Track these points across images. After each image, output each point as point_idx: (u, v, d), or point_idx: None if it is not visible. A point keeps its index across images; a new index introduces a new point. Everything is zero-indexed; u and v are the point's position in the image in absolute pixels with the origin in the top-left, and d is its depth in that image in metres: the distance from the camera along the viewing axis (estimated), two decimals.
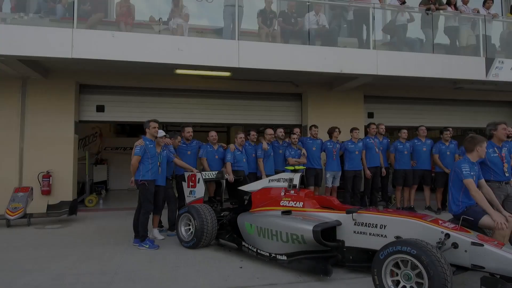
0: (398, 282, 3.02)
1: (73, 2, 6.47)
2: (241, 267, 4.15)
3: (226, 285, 3.62)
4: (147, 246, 5.01)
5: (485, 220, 3.70)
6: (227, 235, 5.00)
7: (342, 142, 7.55)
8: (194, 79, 8.32)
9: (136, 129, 12.25)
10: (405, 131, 7.81)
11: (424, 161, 7.65)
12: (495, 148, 4.42)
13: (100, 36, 6.37)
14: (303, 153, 7.10)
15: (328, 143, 7.43)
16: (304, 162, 7.07)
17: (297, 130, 7.27)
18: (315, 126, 7.58)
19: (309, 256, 3.97)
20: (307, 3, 7.73)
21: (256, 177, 6.57)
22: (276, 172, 6.41)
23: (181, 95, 8.84)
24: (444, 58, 8.00)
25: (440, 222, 3.53)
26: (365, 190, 7.65)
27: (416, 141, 7.77)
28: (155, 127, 5.29)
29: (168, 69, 7.32)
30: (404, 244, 2.95)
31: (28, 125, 7.71)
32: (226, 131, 15.34)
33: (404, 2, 8.06)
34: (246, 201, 5.29)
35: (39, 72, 7.38)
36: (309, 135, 7.68)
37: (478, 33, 8.43)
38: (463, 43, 8.57)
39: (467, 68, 8.07)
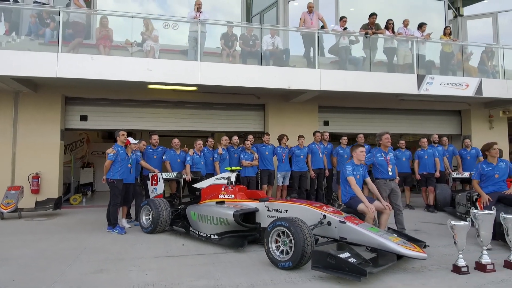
0: (279, 247, 4.25)
1: (58, 28, 7.71)
2: (183, 245, 5.37)
3: (166, 255, 4.84)
4: (117, 231, 6.21)
5: (361, 206, 4.95)
6: (180, 223, 6.22)
7: (291, 147, 8.81)
8: (166, 92, 9.50)
9: None
10: (345, 138, 9.08)
11: None
12: (382, 153, 5.70)
13: (81, 59, 7.59)
14: (256, 157, 8.34)
15: (278, 148, 8.68)
16: (256, 164, 8.35)
17: (250, 137, 8.52)
18: (267, 134, 8.87)
19: (235, 235, 5.21)
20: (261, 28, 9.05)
21: None
22: None
23: (156, 106, 10.01)
24: (380, 75, 9.33)
25: (323, 207, 4.78)
26: (311, 188, 8.91)
27: None
28: (124, 135, 6.52)
29: (141, 84, 8.53)
30: (282, 220, 4.20)
31: (20, 133, 8.86)
32: (211, 136, 16.58)
33: (345, 28, 9.36)
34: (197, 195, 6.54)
35: (30, 87, 8.52)
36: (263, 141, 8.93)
37: (413, 53, 9.78)
38: (400, 61, 9.90)
39: (401, 83, 9.39)
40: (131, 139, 6.61)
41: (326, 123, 11.15)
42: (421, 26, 10.10)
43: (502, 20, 13.44)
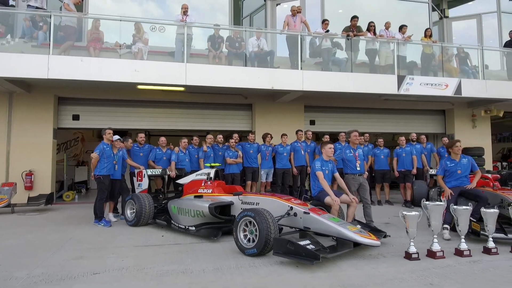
0: (246, 236, 4.60)
1: (50, 32, 8.06)
2: (163, 236, 5.73)
3: (145, 244, 5.20)
4: (102, 224, 6.57)
5: (327, 199, 5.30)
6: (162, 217, 6.57)
7: (274, 145, 9.15)
8: (155, 92, 9.83)
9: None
10: (327, 136, 9.41)
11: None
12: (351, 150, 6.06)
13: (71, 61, 7.94)
14: (239, 155, 8.69)
15: (262, 146, 9.03)
16: (240, 161, 8.70)
17: (235, 135, 8.87)
18: (252, 133, 9.22)
19: (211, 226, 5.56)
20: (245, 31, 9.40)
21: None
22: None
23: (146, 106, 10.35)
24: (361, 76, 9.66)
25: (291, 200, 5.13)
26: (294, 184, 9.26)
27: (337, 144, 9.36)
28: (110, 133, 6.89)
29: (130, 85, 8.87)
30: (249, 211, 4.56)
31: (14, 132, 9.21)
32: (205, 135, 16.95)
33: (327, 30, 9.70)
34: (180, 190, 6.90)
35: (23, 88, 8.86)
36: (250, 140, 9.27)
37: (394, 54, 10.11)
38: (382, 62, 10.23)
39: (382, 84, 9.71)
40: (114, 137, 6.97)
41: (312, 123, 11.47)
42: (401, 28, 10.42)
43: (486, 21, 13.79)
